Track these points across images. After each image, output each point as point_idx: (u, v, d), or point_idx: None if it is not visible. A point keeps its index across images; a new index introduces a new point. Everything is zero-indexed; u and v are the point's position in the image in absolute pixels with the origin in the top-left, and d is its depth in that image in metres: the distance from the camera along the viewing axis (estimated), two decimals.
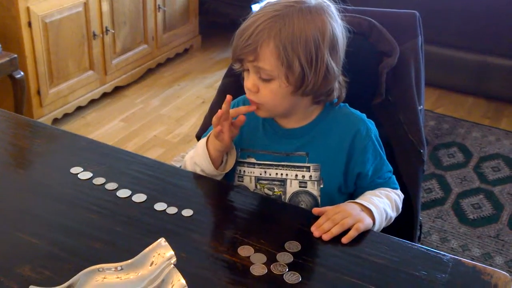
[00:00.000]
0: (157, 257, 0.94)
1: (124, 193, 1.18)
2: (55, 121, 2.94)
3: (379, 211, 1.16)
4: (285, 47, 1.10)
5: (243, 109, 1.20)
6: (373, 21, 1.37)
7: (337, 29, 1.16)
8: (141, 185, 1.20)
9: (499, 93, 3.29)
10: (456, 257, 1.05)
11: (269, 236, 1.08)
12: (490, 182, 2.62)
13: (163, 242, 0.95)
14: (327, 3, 1.17)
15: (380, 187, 1.25)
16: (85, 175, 1.23)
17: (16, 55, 2.48)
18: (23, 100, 2.57)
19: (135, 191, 1.18)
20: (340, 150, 1.22)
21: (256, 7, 1.43)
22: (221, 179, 1.28)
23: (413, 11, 1.43)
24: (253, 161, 1.27)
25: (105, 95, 3.23)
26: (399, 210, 1.26)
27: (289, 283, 0.97)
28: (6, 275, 0.97)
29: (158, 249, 0.94)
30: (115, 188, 1.19)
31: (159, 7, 3.45)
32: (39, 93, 2.78)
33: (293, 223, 1.13)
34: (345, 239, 1.07)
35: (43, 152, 1.33)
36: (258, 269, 1.00)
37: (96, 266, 0.94)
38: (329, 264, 1.03)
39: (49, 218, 1.11)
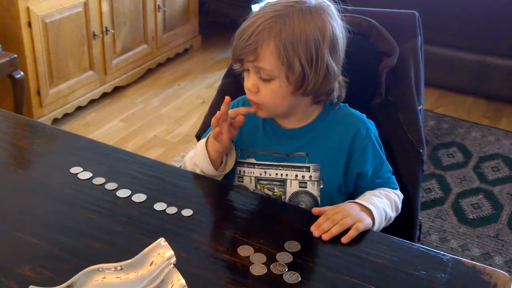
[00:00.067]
0: (156, 257, 0.94)
1: (124, 193, 1.18)
2: (55, 121, 2.94)
3: (379, 211, 1.17)
4: (286, 47, 1.10)
5: (242, 110, 1.20)
6: (372, 21, 1.37)
7: (337, 29, 1.16)
8: (141, 185, 1.21)
9: (499, 93, 3.29)
10: (455, 257, 1.05)
11: (269, 236, 1.08)
12: (489, 182, 2.62)
13: (162, 242, 0.95)
14: (327, 3, 1.17)
15: (379, 187, 1.25)
16: (85, 175, 1.23)
17: (16, 55, 2.48)
18: (23, 100, 2.57)
19: (135, 191, 1.18)
20: (340, 150, 1.22)
21: (256, 7, 1.43)
22: (221, 180, 1.28)
23: (413, 11, 1.43)
24: (253, 161, 1.27)
25: (105, 95, 3.23)
26: (398, 210, 1.26)
27: (289, 283, 0.97)
28: (6, 275, 0.97)
29: (157, 249, 0.94)
30: (115, 188, 1.19)
31: (159, 7, 3.45)
32: (39, 93, 2.78)
33: (293, 223, 1.13)
34: (345, 239, 1.07)
35: (43, 152, 1.33)
36: (257, 269, 1.00)
37: (95, 266, 0.94)
38: (329, 264, 1.03)
39: (49, 218, 1.11)
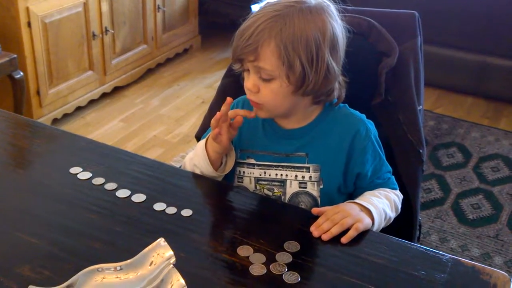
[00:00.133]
0: (156, 257, 0.94)
1: (123, 193, 1.18)
2: (55, 121, 2.94)
3: (378, 211, 1.17)
4: (286, 46, 1.10)
5: (241, 112, 1.20)
6: (372, 21, 1.37)
7: (337, 29, 1.16)
8: (140, 185, 1.20)
9: (499, 93, 3.30)
10: (455, 257, 1.05)
11: (269, 236, 1.08)
12: (489, 182, 2.62)
13: (162, 242, 0.95)
14: (327, 3, 1.17)
15: (379, 187, 1.25)
16: (84, 175, 1.23)
17: (15, 55, 2.48)
18: (23, 100, 2.57)
19: (134, 191, 1.18)
20: (339, 150, 1.22)
21: (255, 7, 1.43)
22: (221, 180, 1.28)
23: (413, 11, 1.43)
24: (253, 161, 1.27)
25: (104, 95, 3.23)
26: (398, 210, 1.26)
27: (288, 283, 0.97)
28: (5, 275, 0.97)
29: (157, 249, 0.94)
30: (114, 188, 1.19)
31: (159, 7, 3.45)
32: (38, 93, 2.78)
33: (292, 223, 1.13)
34: (345, 239, 1.07)
35: (42, 152, 1.33)
36: (257, 269, 1.00)
37: (95, 266, 0.94)
38: (329, 264, 1.03)
39: (48, 218, 1.11)
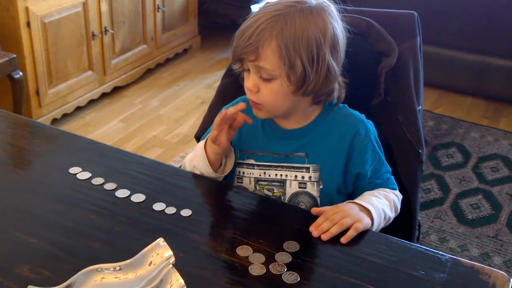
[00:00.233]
0: (155, 257, 0.94)
1: (123, 193, 1.18)
2: (54, 121, 2.94)
3: (378, 212, 1.17)
4: (287, 46, 1.10)
5: (241, 115, 1.19)
6: (371, 21, 1.37)
7: (338, 29, 1.16)
8: (140, 185, 1.20)
9: (498, 93, 3.30)
10: (454, 257, 1.05)
11: (268, 236, 1.08)
12: (488, 182, 2.62)
13: (161, 242, 0.95)
14: (327, 3, 1.17)
15: (379, 187, 1.25)
16: (84, 175, 1.23)
17: (15, 55, 2.48)
18: (22, 100, 2.57)
19: (134, 191, 1.18)
20: (339, 150, 1.22)
21: (255, 8, 1.43)
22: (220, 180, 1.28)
23: (412, 12, 1.43)
24: (252, 162, 1.26)
25: (104, 95, 3.23)
26: (397, 210, 1.26)
27: (288, 283, 0.97)
28: (5, 275, 0.97)
29: (156, 249, 0.94)
30: (114, 188, 1.19)
31: (158, 7, 3.45)
32: (38, 93, 2.78)
33: (292, 223, 1.13)
34: (344, 239, 1.07)
35: (42, 152, 1.33)
36: (256, 269, 1.00)
37: (94, 266, 0.94)
38: (328, 264, 1.03)
39: (48, 218, 1.11)
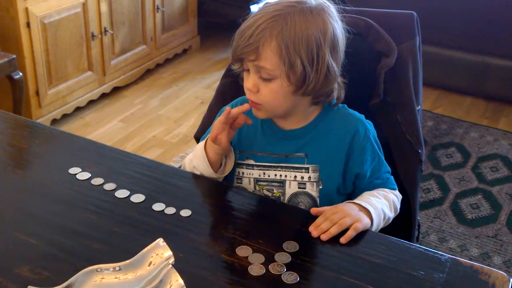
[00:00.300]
0: (155, 257, 0.94)
1: (122, 193, 1.18)
2: (54, 121, 2.94)
3: (377, 212, 1.17)
4: (287, 46, 1.10)
5: (242, 116, 1.19)
6: (370, 21, 1.37)
7: (338, 29, 1.16)
8: (139, 185, 1.21)
9: (497, 93, 3.30)
10: (454, 257, 1.05)
11: (267, 236, 1.08)
12: (488, 182, 2.62)
13: (161, 242, 0.95)
14: (327, 3, 1.17)
15: (378, 187, 1.25)
16: (83, 176, 1.23)
17: (14, 56, 2.48)
18: (22, 100, 2.57)
19: (133, 192, 1.18)
20: (338, 150, 1.22)
21: (254, 8, 1.43)
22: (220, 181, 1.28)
23: (411, 12, 1.43)
24: (252, 162, 1.27)
25: (104, 96, 3.23)
26: (397, 210, 1.26)
27: (287, 283, 0.97)
28: (4, 275, 0.97)
29: (156, 249, 0.94)
30: (113, 188, 1.19)
31: (158, 8, 3.45)
32: (37, 93, 2.78)
33: (291, 223, 1.13)
34: (343, 239, 1.07)
35: (41, 152, 1.33)
36: (256, 269, 1.00)
37: (94, 266, 0.94)
38: (327, 264, 1.03)
39: (47, 218, 1.11)
